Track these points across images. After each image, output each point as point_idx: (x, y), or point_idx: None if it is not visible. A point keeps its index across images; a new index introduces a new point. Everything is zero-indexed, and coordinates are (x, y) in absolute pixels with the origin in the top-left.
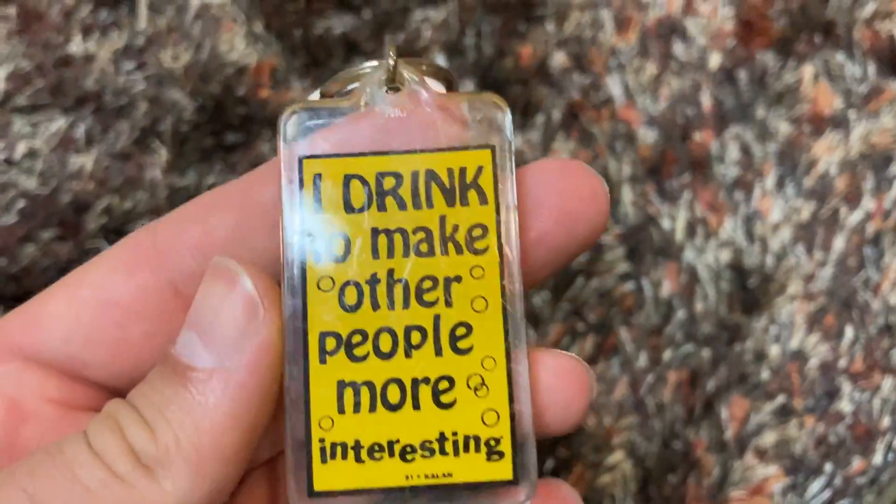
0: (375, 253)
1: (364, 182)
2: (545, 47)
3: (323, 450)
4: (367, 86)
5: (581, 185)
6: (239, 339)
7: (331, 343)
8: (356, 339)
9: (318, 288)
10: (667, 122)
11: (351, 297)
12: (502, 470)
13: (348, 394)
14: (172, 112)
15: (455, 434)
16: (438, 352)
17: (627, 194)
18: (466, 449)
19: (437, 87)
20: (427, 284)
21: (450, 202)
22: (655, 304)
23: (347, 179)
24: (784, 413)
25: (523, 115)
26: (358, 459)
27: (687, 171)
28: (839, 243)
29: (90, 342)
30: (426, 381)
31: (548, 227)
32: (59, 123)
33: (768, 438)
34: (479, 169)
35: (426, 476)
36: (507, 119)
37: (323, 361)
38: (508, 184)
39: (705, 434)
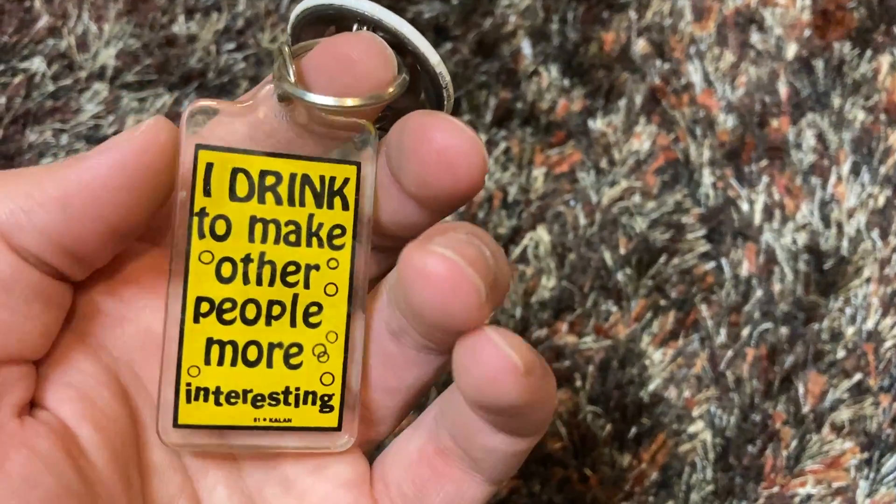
0: (251, 237)
1: (248, 176)
2: (627, 34)
3: (188, 392)
4: (263, 94)
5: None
6: (125, 136)
7: (205, 307)
8: (227, 305)
9: (199, 260)
10: (745, 109)
11: (226, 270)
12: (330, 419)
13: (215, 349)
14: None
15: (297, 389)
16: (293, 323)
17: (707, 177)
18: (305, 402)
19: (324, 100)
20: (291, 268)
21: (318, 204)
22: (735, 283)
23: (235, 172)
24: (860, 391)
25: (606, 99)
26: (217, 402)
27: (764, 157)
28: None
29: None
30: (280, 345)
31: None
32: (164, 99)
33: (844, 415)
34: (346, 180)
35: (271, 420)
36: (373, 140)
37: (196, 321)
38: (368, 195)
39: (783, 408)
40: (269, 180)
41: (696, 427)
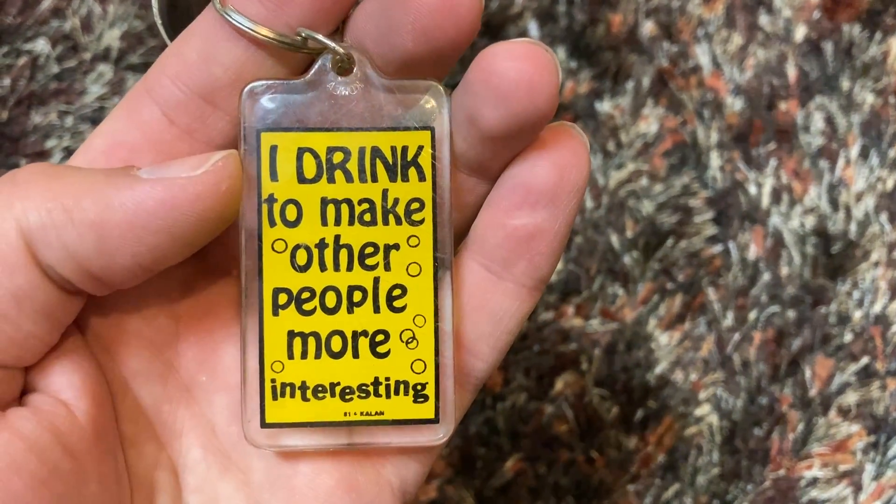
0: (324, 220)
1: (315, 155)
2: (635, 15)
3: (274, 389)
4: (320, 66)
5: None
6: (186, 169)
7: (283, 298)
8: (305, 295)
9: (273, 249)
10: (753, 92)
11: (301, 258)
12: (426, 410)
13: (297, 342)
14: None
15: (388, 379)
16: (377, 309)
17: (715, 160)
18: (397, 392)
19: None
20: (369, 250)
21: (392, 177)
22: (742, 266)
23: (301, 152)
24: (867, 374)
25: (614, 81)
26: (304, 398)
27: (773, 140)
28: None
29: None
30: (365, 333)
31: (408, 46)
32: None
33: (851, 398)
34: (420, 148)
35: (361, 413)
36: (445, 103)
37: (276, 314)
38: (445, 162)
39: (790, 391)
40: (338, 157)
41: (703, 410)
